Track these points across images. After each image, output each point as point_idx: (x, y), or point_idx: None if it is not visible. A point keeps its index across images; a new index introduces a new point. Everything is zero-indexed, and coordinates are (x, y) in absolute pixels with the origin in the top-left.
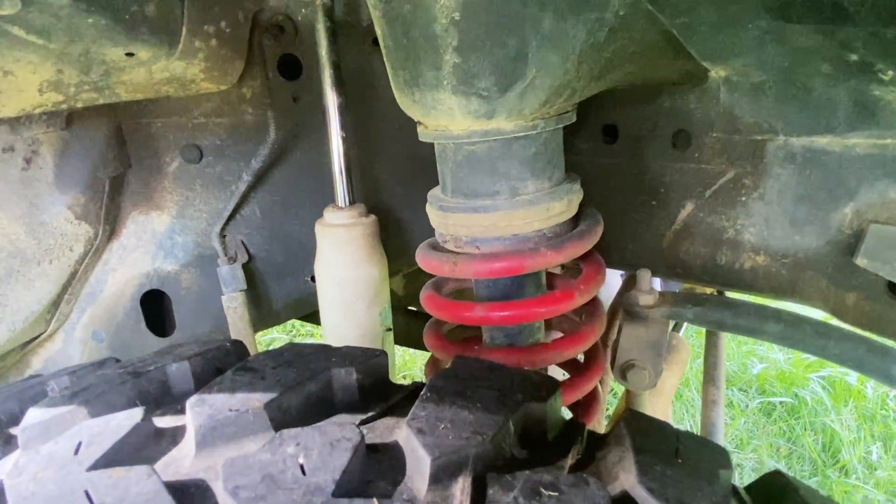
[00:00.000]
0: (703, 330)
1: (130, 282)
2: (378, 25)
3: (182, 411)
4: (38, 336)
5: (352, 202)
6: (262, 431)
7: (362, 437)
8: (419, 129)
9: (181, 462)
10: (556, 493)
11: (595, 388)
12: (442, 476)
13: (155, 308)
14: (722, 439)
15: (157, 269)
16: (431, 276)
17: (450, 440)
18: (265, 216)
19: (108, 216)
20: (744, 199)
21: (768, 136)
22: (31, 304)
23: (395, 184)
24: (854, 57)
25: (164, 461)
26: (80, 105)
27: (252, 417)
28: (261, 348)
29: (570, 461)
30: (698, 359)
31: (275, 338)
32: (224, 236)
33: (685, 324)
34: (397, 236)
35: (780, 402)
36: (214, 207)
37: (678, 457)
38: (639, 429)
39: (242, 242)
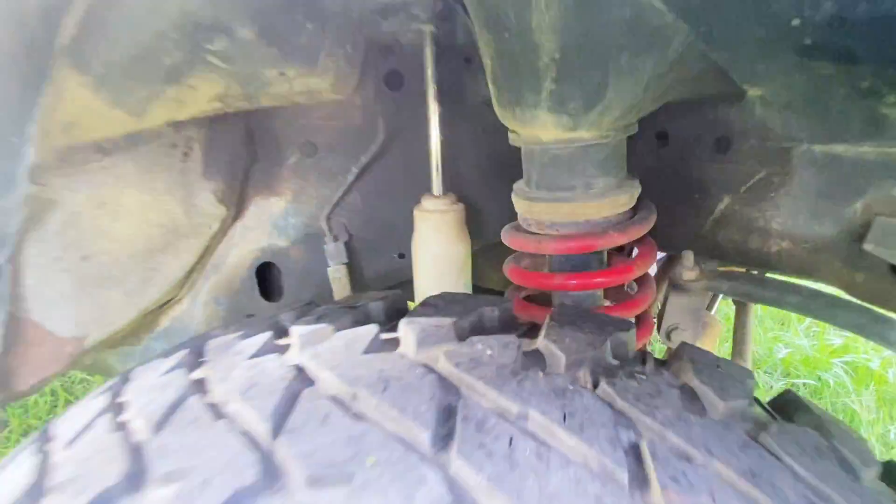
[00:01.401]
0: (732, 313)
1: (248, 256)
2: (488, 57)
3: (390, 330)
4: (172, 299)
5: (444, 192)
6: (452, 340)
7: (520, 343)
8: (511, 136)
9: (407, 354)
10: (644, 376)
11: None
12: (571, 367)
13: (263, 276)
14: None
15: (271, 245)
16: (486, 255)
17: (574, 347)
18: (364, 202)
19: (238, 201)
20: (773, 194)
21: (794, 144)
22: (176, 271)
23: (474, 176)
24: (865, 84)
25: (398, 354)
26: (231, 111)
27: (446, 330)
28: None
29: (647, 368)
30: (725, 343)
31: None
32: (330, 219)
33: (716, 305)
34: (472, 221)
35: (804, 384)
36: (324, 194)
37: (719, 367)
38: (692, 356)
39: (344, 224)
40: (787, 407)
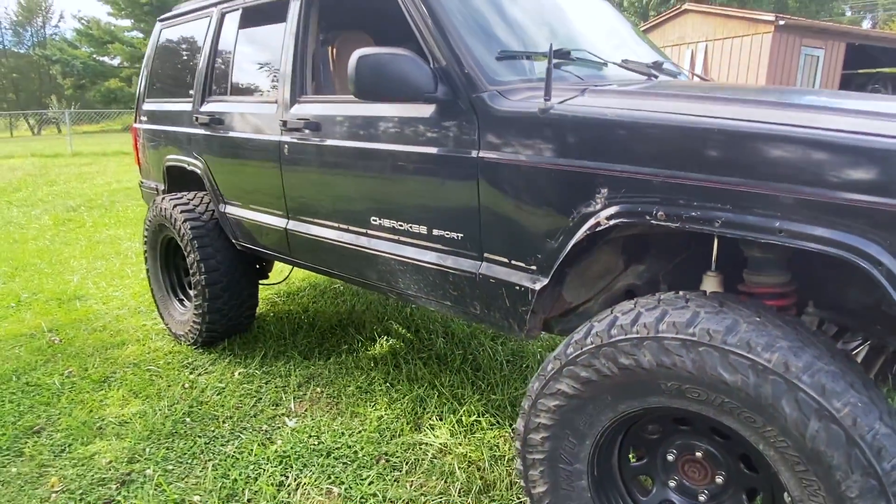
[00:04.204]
0: None
1: (623, 286)
2: None
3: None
4: (591, 298)
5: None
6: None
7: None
8: None
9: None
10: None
11: None
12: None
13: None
14: None
15: (633, 283)
16: None
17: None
18: (681, 267)
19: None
20: None
21: None
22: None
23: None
24: None
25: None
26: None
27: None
28: None
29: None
30: None
31: None
32: (662, 275)
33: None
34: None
35: None
36: (660, 265)
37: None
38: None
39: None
40: None
